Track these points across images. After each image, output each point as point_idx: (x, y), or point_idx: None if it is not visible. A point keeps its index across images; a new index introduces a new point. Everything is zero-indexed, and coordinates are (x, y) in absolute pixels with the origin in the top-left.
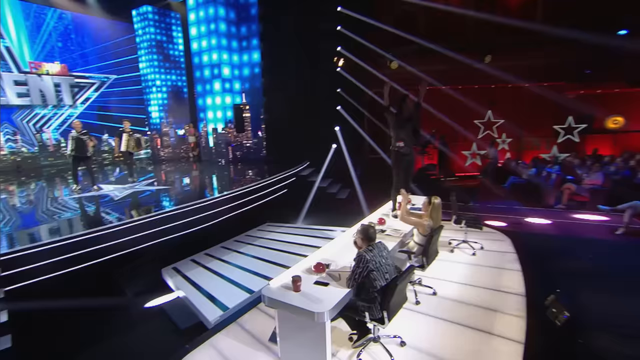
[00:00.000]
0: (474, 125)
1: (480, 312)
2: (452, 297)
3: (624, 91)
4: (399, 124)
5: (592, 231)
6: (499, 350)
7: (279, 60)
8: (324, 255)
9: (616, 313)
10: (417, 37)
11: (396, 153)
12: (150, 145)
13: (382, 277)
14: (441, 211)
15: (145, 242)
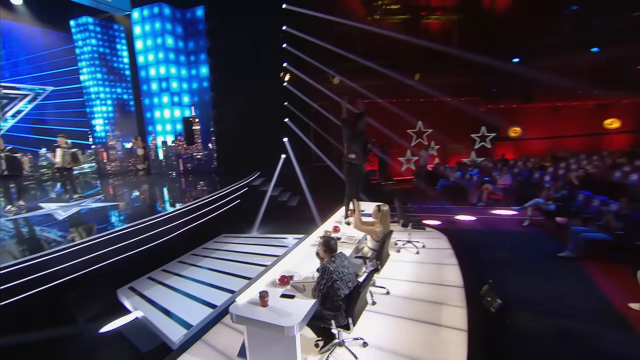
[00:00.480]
0: (407, 134)
1: (428, 307)
2: (403, 294)
3: (520, 106)
4: (352, 138)
5: (506, 224)
6: (448, 340)
7: (227, 74)
8: (286, 267)
9: (531, 293)
10: (356, 55)
11: (348, 164)
12: (95, 159)
13: (345, 285)
14: (389, 217)
15: (96, 263)
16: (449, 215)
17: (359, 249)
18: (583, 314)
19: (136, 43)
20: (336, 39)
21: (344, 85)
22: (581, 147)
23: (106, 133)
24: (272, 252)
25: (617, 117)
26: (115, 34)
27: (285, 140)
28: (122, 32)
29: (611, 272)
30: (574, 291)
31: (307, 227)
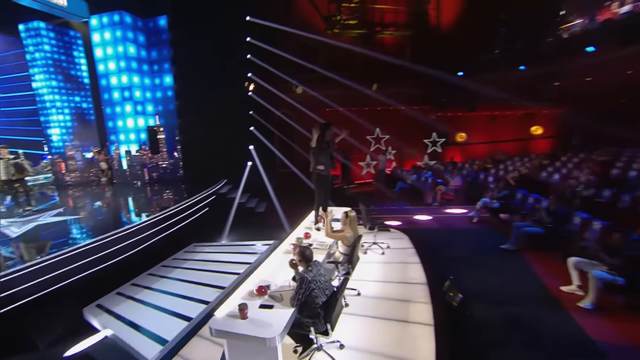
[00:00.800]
0: (366, 140)
1: (396, 305)
2: (373, 294)
3: (465, 115)
4: (321, 150)
5: (458, 222)
6: (417, 335)
7: (191, 83)
8: (261, 276)
9: (482, 285)
10: (317, 66)
11: (317, 175)
12: (52, 169)
13: (322, 293)
14: (357, 222)
15: (59, 281)
16: (408, 215)
17: (331, 254)
18: (525, 300)
19: (95, 51)
20: (298, 50)
21: (306, 94)
22: (515, 150)
23: (64, 143)
24: (243, 260)
25: (540, 125)
26: (71, 41)
27: (251, 148)
28: (80, 39)
29: (545, 261)
30: (516, 280)
31: (276, 232)
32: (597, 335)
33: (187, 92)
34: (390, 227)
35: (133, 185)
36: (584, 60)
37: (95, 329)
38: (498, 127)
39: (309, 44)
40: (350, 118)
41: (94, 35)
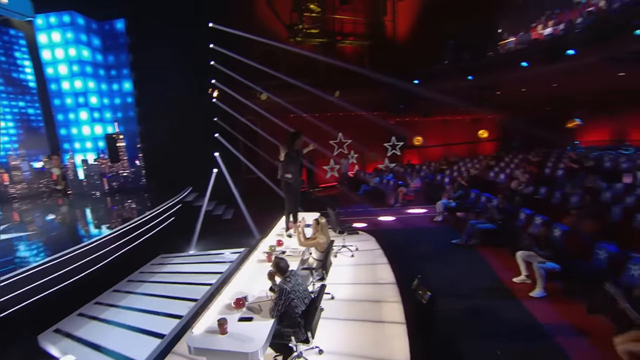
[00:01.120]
0: (330, 145)
1: (369, 306)
2: (346, 297)
3: (421, 120)
4: (290, 159)
5: (419, 221)
6: (391, 334)
7: (153, 90)
8: (237, 288)
9: (445, 280)
10: (280, 73)
11: (285, 183)
12: None
13: (302, 302)
14: (327, 227)
15: (7, 307)
16: (373, 217)
17: (304, 261)
18: (483, 292)
19: (42, 53)
20: (261, 57)
21: (271, 101)
22: (465, 152)
23: (7, 152)
24: (214, 270)
25: (486, 129)
26: (12, 40)
27: (217, 155)
28: (22, 39)
29: (498, 255)
30: (474, 274)
31: (245, 239)
32: (544, 319)
33: (149, 99)
34: (358, 230)
35: (91, 196)
36: (519, 74)
37: (54, 357)
38: (450, 131)
39: (272, 51)
40: (313, 124)
41: (39, 35)
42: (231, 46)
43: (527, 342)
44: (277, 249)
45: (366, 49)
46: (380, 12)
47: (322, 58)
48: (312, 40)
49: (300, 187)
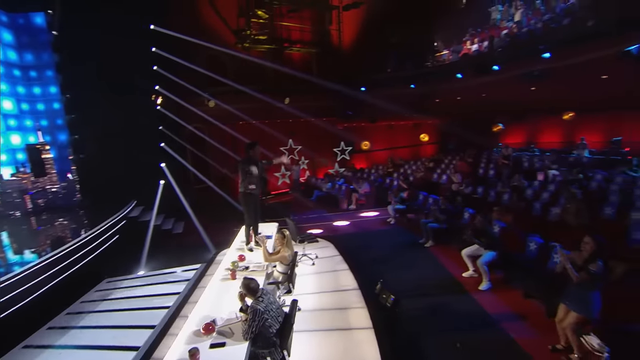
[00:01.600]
0: (280, 151)
1: (336, 314)
2: (312, 307)
3: (368, 125)
4: (249, 169)
5: (373, 224)
6: (361, 340)
7: (85, 95)
8: (203, 312)
9: (403, 280)
10: (228, 79)
11: (247, 195)
12: None
13: (276, 321)
14: (291, 240)
15: None
16: (328, 222)
17: (269, 275)
18: (438, 288)
19: None
20: (208, 63)
21: (219, 108)
22: (409, 155)
23: None
24: (169, 290)
25: (426, 133)
26: None
27: (163, 165)
28: None
29: (447, 253)
30: (428, 272)
31: (199, 254)
32: (491, 309)
33: (82, 105)
34: (317, 237)
35: (9, 216)
36: (455, 84)
37: None
38: (394, 135)
39: (217, 56)
40: (263, 130)
41: None
42: (176, 51)
43: (480, 332)
44: (240, 265)
45: (314, 56)
46: (326, 21)
47: (270, 64)
48: (259, 47)
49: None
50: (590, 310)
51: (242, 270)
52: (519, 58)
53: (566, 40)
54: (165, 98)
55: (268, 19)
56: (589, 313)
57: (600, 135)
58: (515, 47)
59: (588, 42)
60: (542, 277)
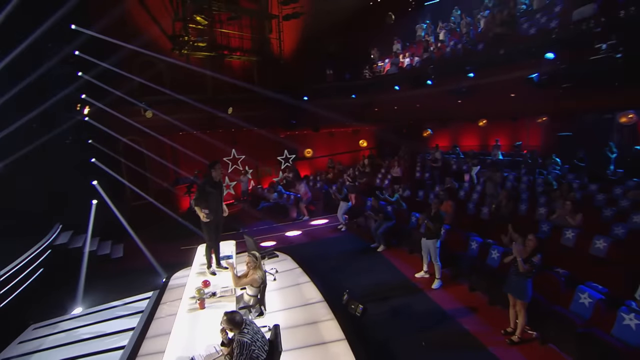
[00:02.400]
0: (224, 162)
1: (307, 329)
2: (283, 326)
3: (310, 133)
4: (207, 191)
5: (325, 232)
6: (336, 352)
7: None
8: (177, 351)
9: (364, 287)
10: (165, 88)
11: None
12: None
13: (262, 350)
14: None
15: None
16: (280, 233)
17: (239, 299)
18: (395, 291)
19: None
20: (141, 70)
21: (157, 118)
22: (349, 161)
23: None
24: (121, 326)
25: (364, 139)
26: None
27: (95, 183)
28: None
29: (399, 255)
30: (384, 275)
31: (149, 280)
32: (445, 305)
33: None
34: (276, 251)
35: None
36: (392, 95)
37: None
38: (335, 141)
39: (156, 64)
40: (205, 141)
41: None
42: (106, 57)
43: (440, 328)
44: (206, 291)
45: (255, 65)
46: (266, 29)
47: (210, 73)
48: (198, 54)
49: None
50: (526, 296)
51: (210, 297)
52: (449, 75)
53: (482, 63)
54: (93, 108)
55: (207, 26)
56: (526, 298)
57: (506, 139)
58: (445, 66)
59: (500, 66)
60: (484, 272)
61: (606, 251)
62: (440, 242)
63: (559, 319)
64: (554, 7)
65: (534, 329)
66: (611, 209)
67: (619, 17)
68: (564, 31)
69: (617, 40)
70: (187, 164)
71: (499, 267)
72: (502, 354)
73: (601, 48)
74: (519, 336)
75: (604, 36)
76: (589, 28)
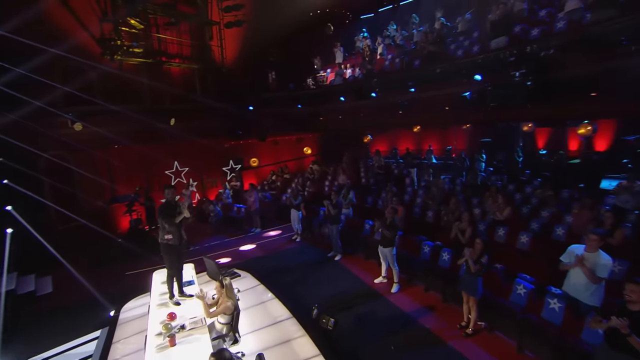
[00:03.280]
0: (166, 175)
1: (281, 349)
2: (255, 349)
3: (255, 142)
4: (167, 216)
5: (280, 244)
6: None
7: None
8: None
9: (327, 297)
10: (96, 98)
11: (165, 245)
12: None
13: None
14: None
15: None
16: (234, 248)
17: (211, 329)
18: (357, 298)
19: None
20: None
21: (88, 130)
22: (294, 168)
23: None
24: None
25: (309, 146)
26: None
27: (9, 208)
28: None
29: (355, 263)
30: (345, 284)
31: (89, 315)
32: (405, 307)
33: None
34: (235, 269)
35: None
36: (338, 105)
37: None
38: (280, 149)
39: (85, 70)
40: (145, 154)
41: None
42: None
43: (404, 330)
44: (174, 325)
45: (196, 73)
46: (207, 36)
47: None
48: (132, 60)
49: (187, 245)
50: (478, 292)
51: (179, 331)
52: (392, 89)
53: (421, 79)
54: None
55: (142, 30)
56: (477, 294)
57: (437, 144)
58: (389, 81)
59: (438, 83)
60: (437, 273)
61: (529, 245)
62: (395, 248)
63: (503, 310)
64: (472, 32)
65: (483, 320)
66: (526, 206)
67: (526, 52)
68: (486, 57)
69: (527, 70)
70: (126, 180)
71: (450, 267)
72: (460, 347)
73: (515, 75)
74: (472, 329)
75: (517, 65)
76: (505, 57)
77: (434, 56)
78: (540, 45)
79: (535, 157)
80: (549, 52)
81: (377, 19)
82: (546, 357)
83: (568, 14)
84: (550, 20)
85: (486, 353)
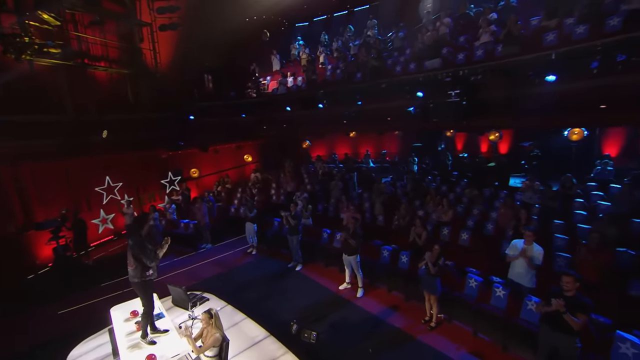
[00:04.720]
0: (96, 192)
1: None
2: None
3: (195, 151)
4: (143, 250)
5: (236, 258)
6: None
7: None
8: None
9: (296, 310)
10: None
11: (147, 282)
12: None
13: None
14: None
15: None
16: (187, 268)
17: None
18: (326, 306)
19: None
20: None
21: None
22: (236, 177)
23: None
24: None
25: (249, 153)
26: None
27: None
28: None
29: (316, 270)
30: (310, 294)
31: None
32: (373, 309)
33: None
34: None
35: None
36: (282, 114)
37: None
38: (221, 158)
39: None
40: (69, 170)
41: None
42: None
43: (377, 331)
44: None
45: (127, 79)
46: (137, 38)
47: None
48: (45, 61)
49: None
50: (437, 291)
51: None
52: (339, 100)
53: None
54: None
55: (59, 27)
56: (437, 292)
57: (373, 149)
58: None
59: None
60: (398, 274)
61: (469, 241)
62: (359, 255)
63: (459, 302)
64: (405, 49)
65: (442, 312)
66: (460, 205)
67: (459, 74)
68: (426, 76)
69: (461, 90)
70: (47, 202)
71: (409, 269)
72: (428, 340)
73: (451, 95)
74: (435, 322)
75: (453, 86)
76: (442, 77)
77: (376, 71)
78: (470, 71)
79: (459, 159)
80: (477, 77)
81: (312, 28)
82: (496, 337)
83: (483, 44)
84: (469, 47)
85: (449, 341)
